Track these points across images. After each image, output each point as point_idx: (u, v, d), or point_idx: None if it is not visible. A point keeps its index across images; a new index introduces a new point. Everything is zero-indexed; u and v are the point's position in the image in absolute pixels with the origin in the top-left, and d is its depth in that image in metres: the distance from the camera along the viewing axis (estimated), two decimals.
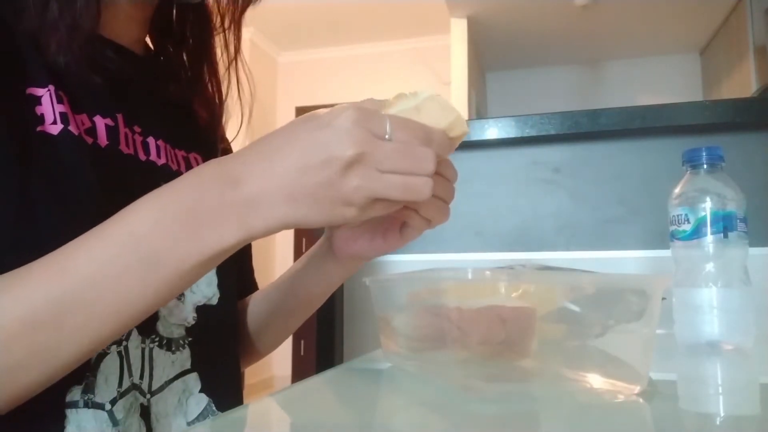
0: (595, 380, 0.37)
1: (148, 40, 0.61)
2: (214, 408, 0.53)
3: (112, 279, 0.36)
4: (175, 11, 0.61)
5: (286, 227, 0.38)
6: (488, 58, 4.56)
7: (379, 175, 0.37)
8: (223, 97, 0.62)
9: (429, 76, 4.61)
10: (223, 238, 0.37)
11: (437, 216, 0.45)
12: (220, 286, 0.56)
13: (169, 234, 0.37)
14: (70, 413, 0.42)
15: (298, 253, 4.59)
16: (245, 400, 0.60)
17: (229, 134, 0.67)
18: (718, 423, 0.33)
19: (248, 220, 0.37)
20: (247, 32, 0.63)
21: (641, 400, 0.35)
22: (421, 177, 0.38)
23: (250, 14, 0.62)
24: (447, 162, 0.43)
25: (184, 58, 0.61)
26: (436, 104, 0.40)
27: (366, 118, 0.37)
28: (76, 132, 0.44)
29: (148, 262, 0.36)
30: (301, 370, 4.24)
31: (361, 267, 0.58)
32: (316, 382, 0.46)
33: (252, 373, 3.98)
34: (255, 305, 0.65)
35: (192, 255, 0.37)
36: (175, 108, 0.59)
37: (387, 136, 0.37)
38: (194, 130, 0.61)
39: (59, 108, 0.43)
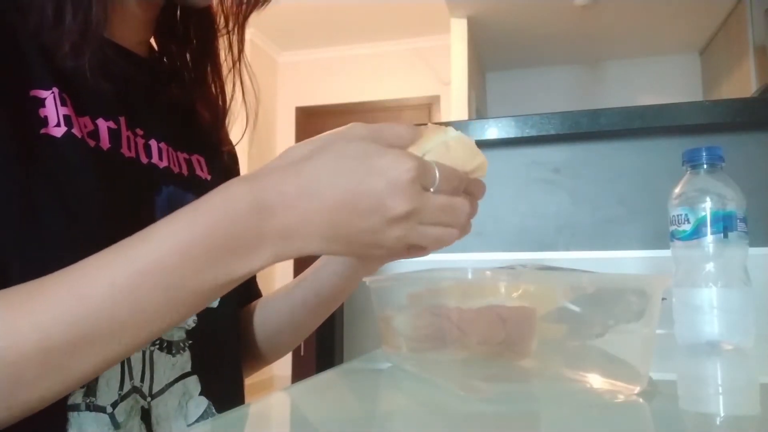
0: (595, 380, 0.37)
1: (152, 41, 0.61)
2: (213, 411, 0.53)
3: (133, 307, 0.35)
4: (179, 13, 0.61)
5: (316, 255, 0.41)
6: (488, 58, 4.55)
7: (420, 227, 0.38)
8: (227, 99, 0.62)
9: (429, 76, 4.61)
10: (252, 265, 0.37)
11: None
12: None
13: (197, 265, 0.36)
14: (72, 416, 0.42)
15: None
16: (245, 401, 0.60)
17: (233, 136, 0.67)
18: (718, 423, 0.33)
19: (280, 250, 0.37)
20: (247, 32, 0.63)
21: (641, 400, 0.35)
22: (453, 229, 0.40)
23: (251, 15, 0.62)
24: (477, 180, 0.44)
25: (188, 59, 0.61)
26: (464, 146, 0.41)
27: (423, 174, 0.37)
28: (79, 135, 0.44)
29: (172, 291, 0.36)
30: (301, 370, 4.24)
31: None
32: (316, 382, 0.46)
33: None
34: (265, 308, 0.65)
35: (219, 280, 0.37)
36: (177, 110, 0.59)
37: (433, 189, 0.38)
38: (197, 132, 0.61)
39: (63, 110, 0.43)
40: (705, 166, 0.60)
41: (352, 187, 0.36)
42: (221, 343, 0.57)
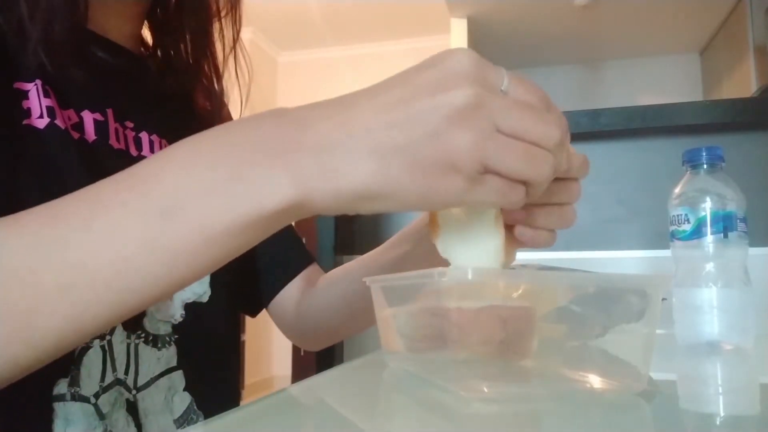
0: (595, 380, 0.37)
1: (149, 35, 0.61)
2: (195, 407, 0.53)
3: (113, 229, 0.28)
4: (173, 2, 0.61)
5: (361, 202, 0.28)
6: (488, 58, 4.52)
7: (497, 135, 0.28)
8: (223, 84, 0.62)
9: None
10: (267, 198, 0.28)
11: (558, 222, 0.37)
12: (212, 283, 0.56)
13: (197, 182, 0.28)
14: (58, 407, 0.42)
15: None
16: (245, 400, 0.60)
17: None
18: (718, 423, 0.33)
19: (307, 176, 0.28)
20: (247, 32, 0.63)
21: (641, 400, 0.35)
22: (542, 150, 0.29)
23: (251, 14, 0.61)
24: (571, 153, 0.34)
25: (182, 49, 0.61)
26: None
27: (485, 63, 0.30)
28: (62, 126, 0.44)
29: (163, 214, 0.28)
30: (301, 370, 4.23)
31: None
32: (316, 382, 0.46)
33: (252, 373, 3.98)
34: (340, 278, 0.62)
35: (223, 213, 0.28)
36: (173, 103, 0.58)
37: (503, 89, 0.30)
38: (195, 124, 0.60)
39: (46, 102, 0.43)
40: (705, 166, 0.60)
41: (399, 84, 0.29)
42: (209, 340, 0.56)
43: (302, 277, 0.65)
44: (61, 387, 0.42)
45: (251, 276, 0.66)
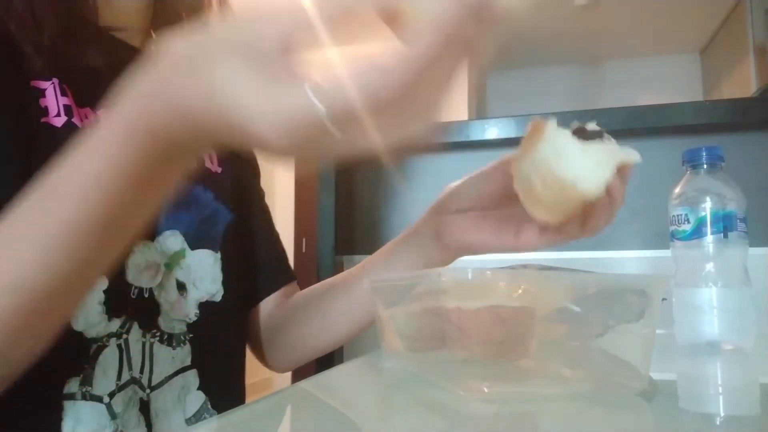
0: (595, 380, 0.37)
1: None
2: (209, 406, 0.53)
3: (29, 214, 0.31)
4: None
5: (221, 111, 0.26)
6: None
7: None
8: None
9: None
10: (152, 122, 0.29)
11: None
12: (224, 282, 0.56)
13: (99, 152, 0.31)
14: (68, 405, 0.42)
15: (298, 254, 4.56)
16: (246, 400, 0.60)
17: None
18: (718, 423, 0.33)
19: (148, 118, 0.30)
20: None
21: (641, 400, 0.35)
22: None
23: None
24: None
25: None
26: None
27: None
28: (79, 124, 0.44)
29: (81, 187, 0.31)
30: (301, 370, 4.22)
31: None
32: (316, 382, 0.46)
33: (252, 373, 3.94)
34: (310, 298, 0.63)
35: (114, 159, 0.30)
36: None
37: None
38: None
39: (63, 100, 0.44)
40: (705, 166, 0.60)
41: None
42: (223, 338, 0.57)
43: (278, 294, 0.65)
44: (72, 386, 0.42)
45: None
